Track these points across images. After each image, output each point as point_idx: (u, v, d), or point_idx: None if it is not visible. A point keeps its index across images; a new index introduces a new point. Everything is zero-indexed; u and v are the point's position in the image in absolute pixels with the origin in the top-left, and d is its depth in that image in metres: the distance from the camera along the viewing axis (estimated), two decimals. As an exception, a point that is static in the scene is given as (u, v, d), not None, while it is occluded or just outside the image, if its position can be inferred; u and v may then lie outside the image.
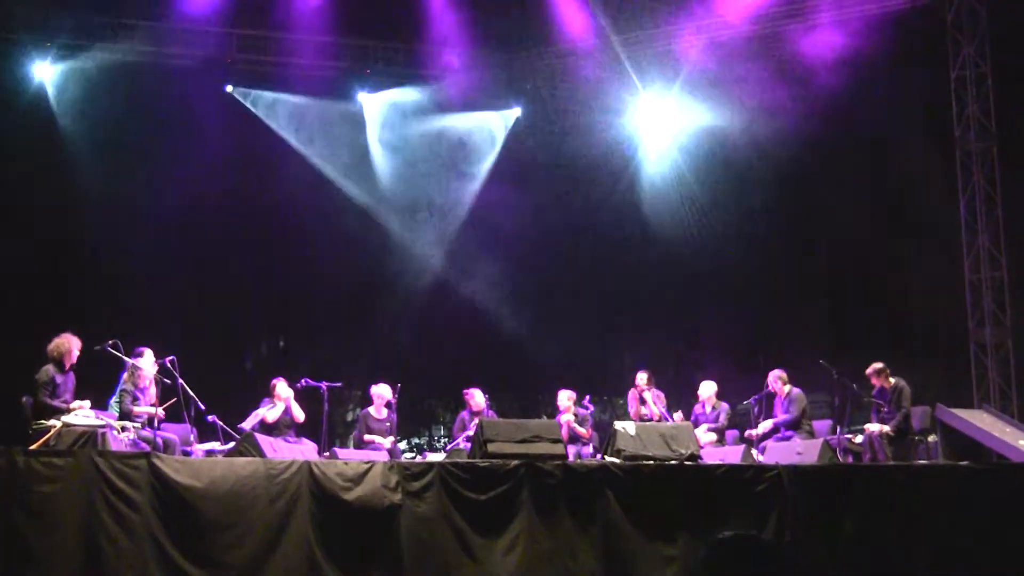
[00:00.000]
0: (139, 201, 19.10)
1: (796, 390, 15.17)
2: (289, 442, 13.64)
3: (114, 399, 13.07)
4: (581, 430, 15.67)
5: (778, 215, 20.51)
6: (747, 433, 15.17)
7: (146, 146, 19.10)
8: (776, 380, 15.25)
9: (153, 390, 13.12)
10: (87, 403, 12.20)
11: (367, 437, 15.12)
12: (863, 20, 18.95)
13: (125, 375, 13.10)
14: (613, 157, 21.31)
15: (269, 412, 14.40)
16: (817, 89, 19.01)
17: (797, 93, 19.32)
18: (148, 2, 19.21)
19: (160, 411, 12.75)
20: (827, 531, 11.95)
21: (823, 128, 19.30)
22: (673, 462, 12.50)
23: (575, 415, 15.84)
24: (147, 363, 13.11)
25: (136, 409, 12.90)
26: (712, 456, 13.87)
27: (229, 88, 20.57)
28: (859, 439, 14.48)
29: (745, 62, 19.95)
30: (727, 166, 20.66)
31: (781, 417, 15.02)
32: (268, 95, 20.88)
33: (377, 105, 21.55)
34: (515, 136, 21.83)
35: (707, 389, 15.98)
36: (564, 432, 14.61)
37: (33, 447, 11.00)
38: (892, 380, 14.66)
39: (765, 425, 15.01)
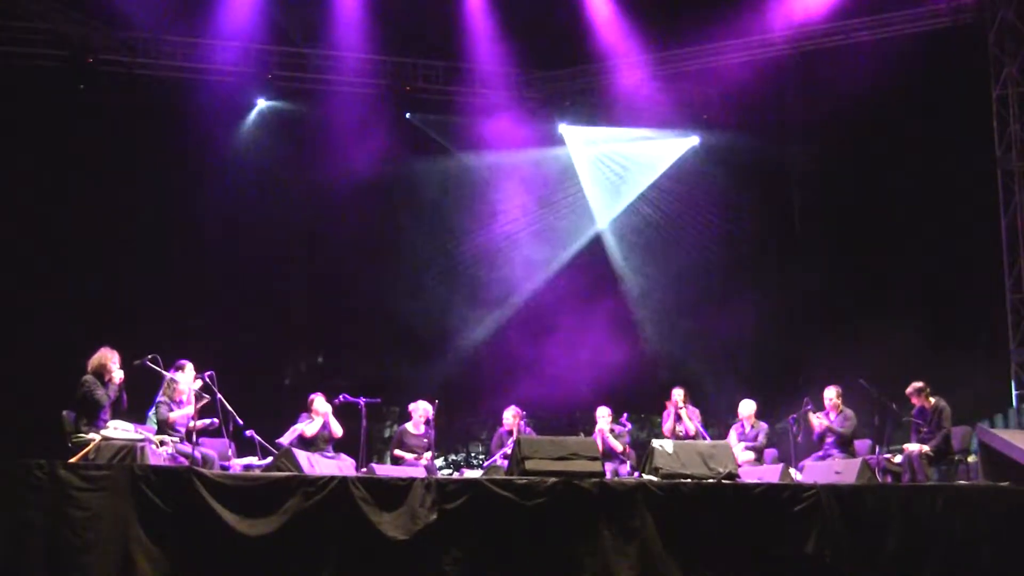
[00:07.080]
0: (178, 217, 19.19)
1: (848, 410, 15.14)
2: (327, 457, 13.66)
3: (151, 412, 13.11)
4: (614, 442, 15.61)
5: (817, 235, 20.51)
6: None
7: (185, 163, 19.17)
8: (836, 396, 15.15)
9: (191, 402, 13.11)
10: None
11: (397, 452, 15.16)
12: (903, 39, 18.90)
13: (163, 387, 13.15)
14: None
15: (307, 427, 14.43)
16: (856, 108, 18.98)
17: (834, 113, 19.28)
18: (188, 19, 19.30)
19: (196, 423, 12.71)
20: (866, 551, 11.86)
21: (862, 147, 19.26)
22: (711, 481, 12.41)
23: (611, 430, 15.79)
24: (186, 376, 13.12)
25: (171, 416, 12.92)
26: (750, 475, 13.78)
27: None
28: (898, 459, 14.36)
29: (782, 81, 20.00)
30: (763, 181, 20.72)
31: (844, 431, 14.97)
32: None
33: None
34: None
35: (747, 408, 15.91)
36: (599, 444, 14.56)
37: (72, 460, 11.05)
38: (932, 400, 14.54)
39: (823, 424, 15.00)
